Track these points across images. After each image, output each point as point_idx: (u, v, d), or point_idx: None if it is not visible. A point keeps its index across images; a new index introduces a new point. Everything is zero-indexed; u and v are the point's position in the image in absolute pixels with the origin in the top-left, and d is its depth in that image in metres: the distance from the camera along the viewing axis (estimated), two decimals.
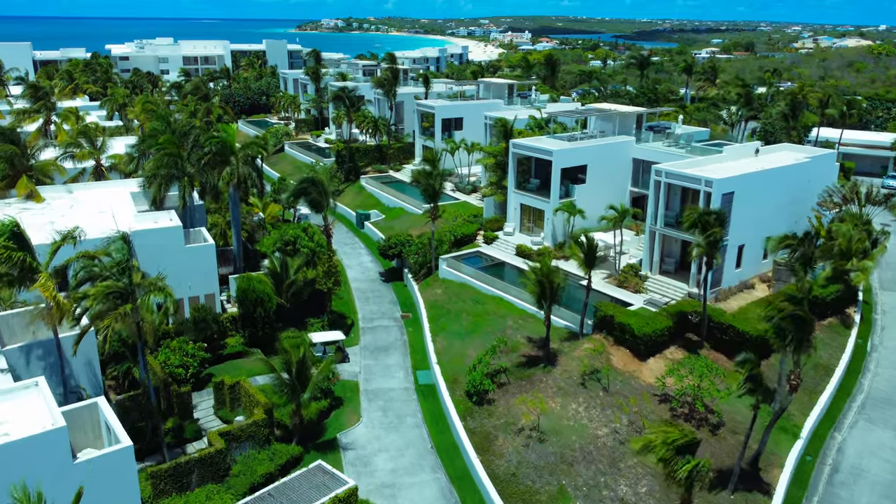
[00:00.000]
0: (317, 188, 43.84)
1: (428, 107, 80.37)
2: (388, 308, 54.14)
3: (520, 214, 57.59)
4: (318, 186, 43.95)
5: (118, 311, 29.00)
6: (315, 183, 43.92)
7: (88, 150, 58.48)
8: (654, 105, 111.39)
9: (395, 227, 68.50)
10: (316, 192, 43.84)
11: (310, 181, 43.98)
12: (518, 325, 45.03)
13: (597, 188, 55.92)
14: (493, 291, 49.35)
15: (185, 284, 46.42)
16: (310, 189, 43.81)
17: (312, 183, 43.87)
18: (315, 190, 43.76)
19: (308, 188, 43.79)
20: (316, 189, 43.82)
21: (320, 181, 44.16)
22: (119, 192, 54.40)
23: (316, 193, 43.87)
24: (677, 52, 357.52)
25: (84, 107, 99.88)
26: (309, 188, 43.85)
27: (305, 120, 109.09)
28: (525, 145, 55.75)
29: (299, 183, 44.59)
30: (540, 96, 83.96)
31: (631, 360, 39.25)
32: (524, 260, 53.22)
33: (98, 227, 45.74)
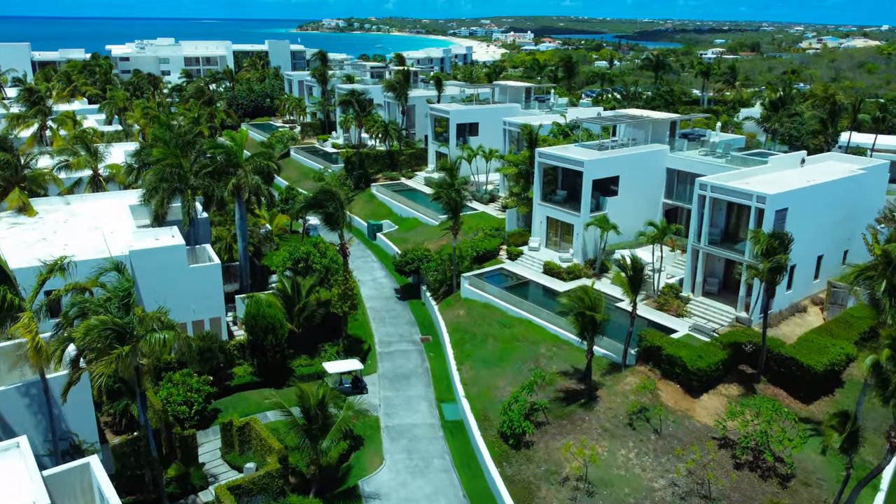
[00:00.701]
0: (333, 201, 40.08)
1: (442, 111, 76.61)
2: (406, 330, 50.38)
3: (546, 228, 53.83)
4: (335, 199, 40.17)
5: (114, 353, 25.24)
6: (331, 195, 40.14)
7: (85, 159, 54.76)
8: (671, 108, 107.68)
9: (410, 240, 64.79)
10: (332, 205, 40.07)
11: (325, 193, 40.19)
12: (552, 354, 41.27)
13: (629, 200, 52.19)
14: (520, 314, 45.58)
15: (189, 307, 42.77)
16: (325, 202, 40.02)
17: (328, 195, 40.08)
18: (331, 203, 40.00)
19: (323, 201, 39.99)
20: (332, 202, 40.06)
21: (336, 193, 40.35)
22: (117, 205, 50.74)
23: (332, 207, 40.10)
24: (682, 52, 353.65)
25: (82, 110, 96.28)
26: (324, 201, 40.05)
27: (311, 123, 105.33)
28: (553, 155, 51.98)
29: (314, 195, 40.78)
30: (558, 100, 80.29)
31: (682, 397, 35.48)
32: (553, 278, 49.49)
33: (93, 247, 42.10)
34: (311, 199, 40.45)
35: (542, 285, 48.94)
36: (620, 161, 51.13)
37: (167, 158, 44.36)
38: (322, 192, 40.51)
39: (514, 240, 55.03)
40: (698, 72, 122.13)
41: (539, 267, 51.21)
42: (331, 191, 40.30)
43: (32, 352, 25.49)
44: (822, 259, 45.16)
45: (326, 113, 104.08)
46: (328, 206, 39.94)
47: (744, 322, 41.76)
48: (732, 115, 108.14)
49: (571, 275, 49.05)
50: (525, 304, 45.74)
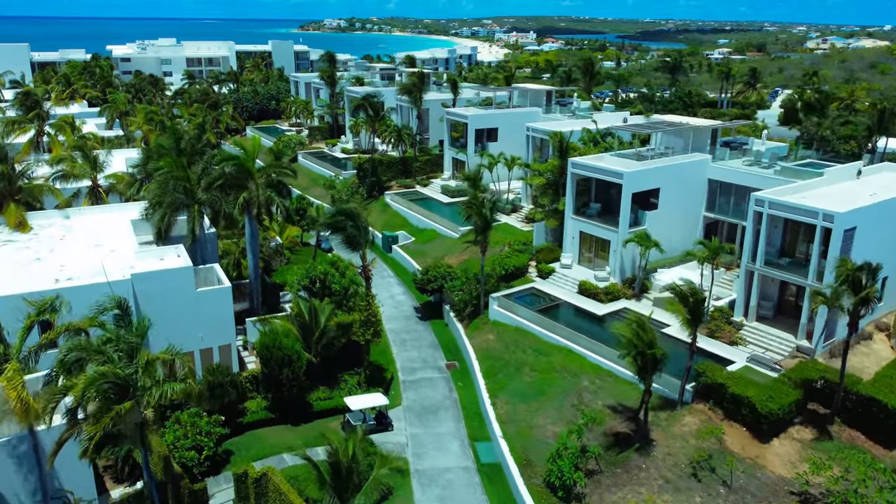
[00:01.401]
0: (354, 222, 36.34)
1: (459, 116, 72.85)
2: (429, 355, 46.63)
3: (579, 244, 50.08)
4: (356, 220, 36.43)
5: (114, 411, 21.54)
6: (352, 215, 36.40)
7: (83, 168, 51.06)
8: (690, 111, 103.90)
9: (428, 253, 61.06)
10: (353, 226, 36.33)
11: (346, 214, 36.46)
12: (595, 387, 37.52)
13: (669, 214, 48.48)
14: (557, 340, 41.84)
15: (196, 335, 39.06)
16: (345, 223, 36.26)
17: (349, 216, 36.35)
18: (352, 224, 36.26)
19: (343, 222, 36.24)
20: (353, 223, 36.32)
21: (357, 213, 36.58)
22: (118, 219, 47.05)
23: (353, 228, 36.36)
24: (689, 52, 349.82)
25: (81, 114, 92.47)
26: (344, 222, 36.29)
27: (319, 127, 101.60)
28: (588, 165, 48.22)
29: (333, 215, 37.00)
30: (580, 103, 76.57)
31: (750, 442, 31.74)
32: (589, 299, 45.72)
33: (92, 268, 38.39)
34: (331, 222, 36.65)
35: (579, 307, 45.19)
36: (662, 172, 47.39)
37: (173, 170, 40.62)
38: (342, 212, 36.76)
39: (544, 256, 51.26)
40: (717, 73, 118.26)
41: (573, 286, 47.45)
42: (351, 211, 36.53)
43: (19, 410, 21.77)
44: (888, 280, 41.41)
45: (335, 116, 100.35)
46: (349, 228, 36.15)
47: (805, 352, 38.03)
48: (751, 117, 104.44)
49: (610, 295, 45.30)
50: (562, 329, 41.97)
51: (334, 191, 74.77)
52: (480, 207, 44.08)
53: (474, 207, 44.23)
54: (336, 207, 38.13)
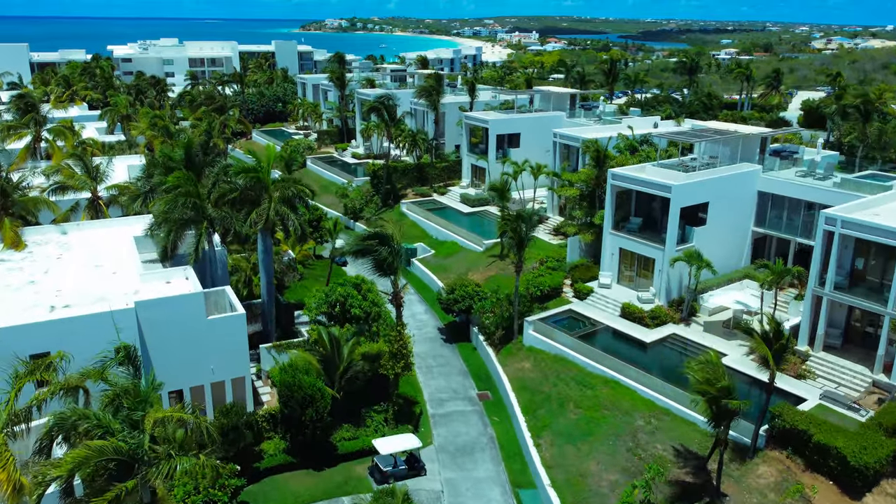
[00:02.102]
0: (387, 245, 32.50)
1: (479, 120, 69.04)
2: (459, 383, 42.85)
3: (618, 261, 46.29)
4: (389, 243, 32.60)
5: (114, 490, 17.77)
6: (385, 239, 32.54)
7: (81, 177, 47.32)
8: (711, 115, 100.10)
9: (450, 268, 57.30)
10: (386, 250, 32.50)
11: (378, 237, 32.58)
12: (652, 427, 33.74)
13: (717, 230, 44.74)
14: (602, 370, 38.05)
15: (207, 367, 35.34)
16: (376, 247, 32.44)
17: (381, 239, 32.48)
18: (385, 248, 32.42)
19: (374, 246, 32.41)
20: (385, 247, 32.48)
21: (390, 236, 32.75)
22: (120, 234, 43.32)
23: (386, 252, 32.53)
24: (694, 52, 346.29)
25: (81, 117, 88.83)
26: (376, 246, 32.46)
27: (328, 131, 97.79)
28: (630, 177, 44.42)
29: (362, 239, 33.07)
30: (605, 107, 72.72)
31: (839, 499, 27.94)
32: (634, 324, 41.91)
33: (91, 294, 34.63)
34: (360, 246, 32.78)
35: (622, 333, 41.37)
36: (711, 185, 43.59)
37: (182, 185, 36.84)
38: (374, 236, 32.86)
39: (580, 274, 47.44)
40: (738, 74, 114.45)
41: (615, 309, 43.64)
42: (384, 234, 32.66)
43: (10, 495, 18.01)
44: None
45: (344, 119, 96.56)
46: (380, 252, 32.34)
47: (884, 388, 34.24)
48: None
49: (656, 320, 41.49)
50: (608, 359, 38.16)
51: (347, 199, 71.10)
52: (516, 223, 40.26)
53: (509, 223, 40.42)
54: (367, 230, 34.26)
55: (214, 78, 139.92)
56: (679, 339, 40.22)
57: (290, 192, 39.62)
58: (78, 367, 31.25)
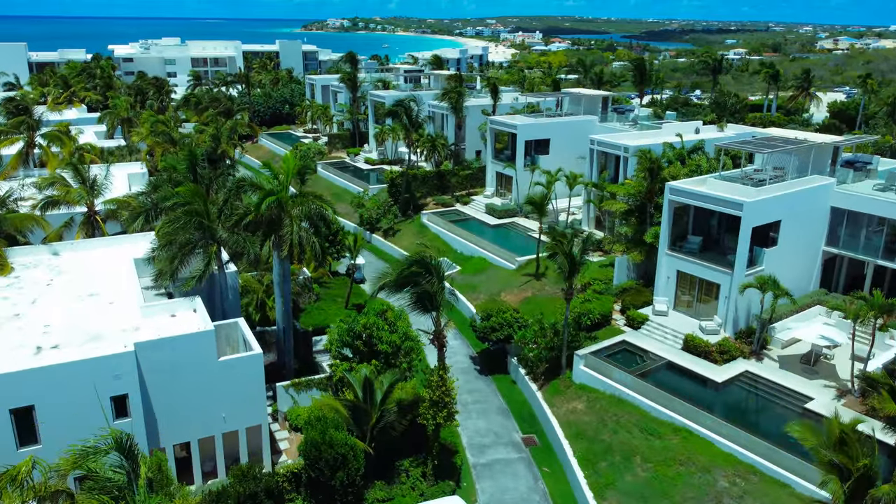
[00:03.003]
0: (429, 276, 27.65)
1: (506, 125, 64.18)
2: (500, 425, 38.00)
3: (675, 285, 41.41)
4: (433, 272, 27.75)
5: None
6: (428, 268, 27.68)
7: (77, 191, 42.55)
8: (738, 118, 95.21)
9: (479, 287, 52.44)
10: (428, 281, 27.65)
11: (421, 266, 27.70)
12: (739, 490, 28.87)
13: (788, 251, 39.92)
14: (670, 416, 33.20)
15: (217, 414, 30.54)
16: (419, 278, 27.59)
17: (424, 268, 27.61)
18: (427, 279, 27.58)
19: (417, 277, 27.54)
20: (428, 278, 27.63)
21: (435, 266, 27.89)
22: (118, 255, 38.55)
23: (427, 283, 27.68)
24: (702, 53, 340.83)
25: (79, 120, 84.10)
26: (419, 277, 27.61)
27: (339, 134, 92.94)
28: (692, 192, 39.53)
29: (405, 269, 28.14)
30: (638, 111, 67.87)
31: None
32: (699, 359, 37.01)
33: (84, 331, 29.83)
34: (402, 278, 27.89)
35: (688, 370, 36.46)
36: (785, 201, 38.71)
37: (190, 202, 32.06)
38: (416, 263, 27.95)
39: (632, 299, 42.57)
40: (765, 76, 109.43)
41: (675, 340, 38.75)
42: (427, 262, 27.78)
43: None
44: None
45: (356, 123, 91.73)
46: (422, 283, 27.49)
47: None
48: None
49: (725, 355, 36.59)
50: (677, 402, 33.28)
51: (363, 209, 66.36)
52: (568, 247, 35.38)
53: (560, 247, 35.54)
54: (409, 257, 29.24)
55: (218, 78, 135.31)
56: (754, 378, 35.35)
57: (312, 211, 34.78)
58: (66, 422, 26.82)
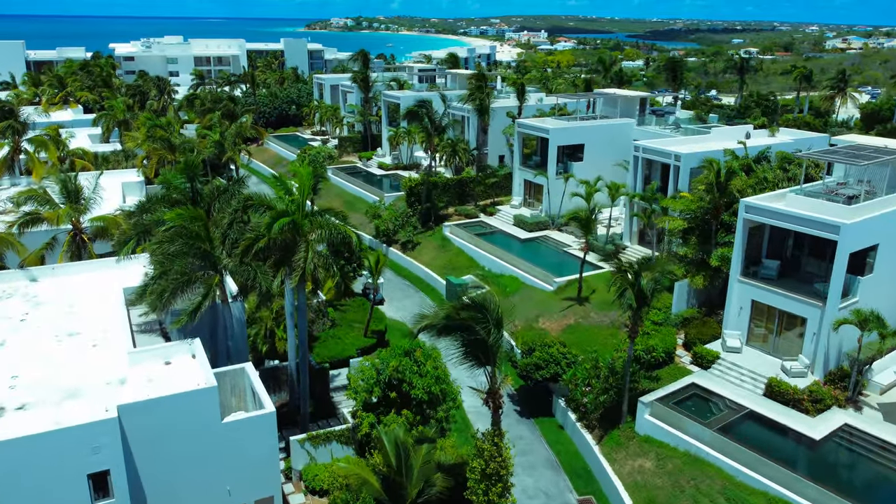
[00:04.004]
0: (487, 320, 22.13)
1: (536, 129, 58.64)
2: (551, 481, 32.52)
3: (749, 318, 35.86)
4: (488, 315, 22.23)
5: None
6: (484, 310, 22.15)
7: (63, 210, 37.17)
8: (771, 120, 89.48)
9: (513, 311, 46.59)
10: (485, 328, 22.12)
11: (475, 309, 22.15)
12: None
13: (884, 279, 34.36)
14: (764, 483, 27.64)
15: (221, 486, 25.11)
16: (475, 323, 22.05)
17: (479, 310, 22.07)
18: (483, 326, 22.06)
19: (470, 322, 21.99)
20: (484, 325, 22.12)
21: (491, 307, 22.32)
22: (106, 281, 33.30)
23: (483, 330, 22.15)
24: (712, 52, 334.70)
25: (75, 122, 78.93)
26: (470, 320, 22.06)
27: (350, 137, 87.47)
28: (774, 211, 33.94)
29: (454, 311, 22.52)
30: (679, 113, 62.34)
31: None
32: (785, 407, 31.45)
33: (59, 385, 24.45)
34: (448, 322, 22.31)
35: (774, 421, 30.90)
36: (885, 222, 33.15)
37: (189, 225, 26.65)
38: (470, 306, 22.40)
39: (696, 332, 37.02)
40: (797, 76, 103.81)
41: (754, 383, 33.22)
42: (484, 303, 22.24)
43: None
44: None
45: (367, 125, 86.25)
46: (478, 330, 21.98)
47: None
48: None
49: (819, 404, 31.02)
50: (772, 467, 27.72)
51: (380, 220, 60.91)
52: (634, 279, 29.80)
53: (625, 279, 29.96)
54: (460, 298, 23.66)
55: (222, 78, 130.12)
56: (856, 434, 29.80)
57: (332, 235, 29.31)
58: None
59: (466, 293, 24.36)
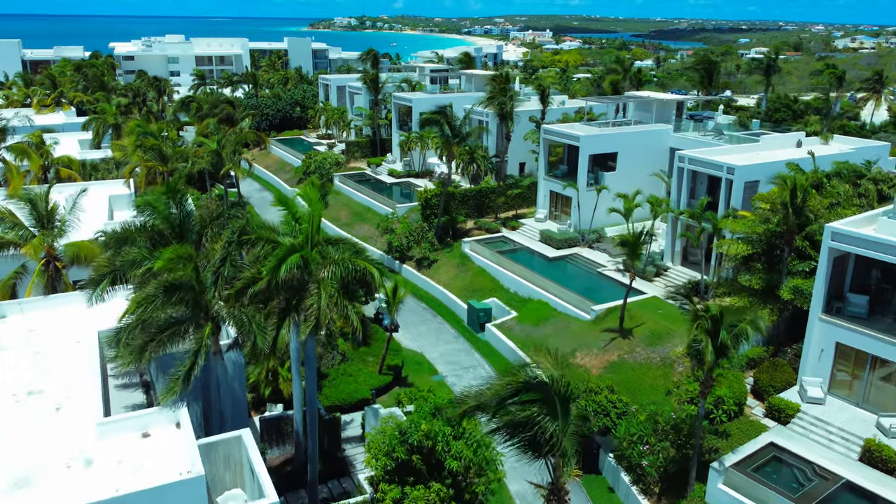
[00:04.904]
0: (549, 406, 17.05)
1: (566, 136, 53.44)
2: None
3: (832, 362, 30.67)
4: (551, 398, 17.16)
5: None
6: (546, 391, 17.08)
7: (37, 241, 32.07)
8: (800, 122, 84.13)
9: (545, 341, 41.66)
10: (547, 415, 17.03)
11: (537, 388, 17.07)
12: None
13: None
14: None
15: None
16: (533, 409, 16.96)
17: (543, 391, 16.98)
18: (545, 412, 16.97)
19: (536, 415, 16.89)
20: (547, 409, 17.02)
21: (561, 386, 17.23)
22: (80, 319, 28.33)
23: (546, 418, 17.06)
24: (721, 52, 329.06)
25: (67, 126, 74.10)
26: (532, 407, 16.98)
27: (358, 142, 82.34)
28: (868, 240, 28.74)
29: (511, 397, 17.37)
30: (719, 118, 57.12)
31: None
32: (889, 477, 26.29)
33: (7, 471, 19.43)
34: (513, 418, 17.17)
35: (876, 496, 25.71)
36: None
37: (177, 267, 21.57)
38: (532, 386, 17.28)
39: (767, 376, 31.80)
40: (829, 76, 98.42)
41: (846, 445, 28.01)
42: (546, 385, 17.12)
43: None
44: None
45: (377, 129, 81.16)
46: (542, 421, 16.88)
47: None
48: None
49: None
50: None
51: (392, 235, 55.80)
52: (710, 324, 24.59)
53: (700, 322, 24.76)
54: (516, 376, 18.47)
55: (223, 78, 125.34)
56: None
57: (348, 272, 24.18)
58: None
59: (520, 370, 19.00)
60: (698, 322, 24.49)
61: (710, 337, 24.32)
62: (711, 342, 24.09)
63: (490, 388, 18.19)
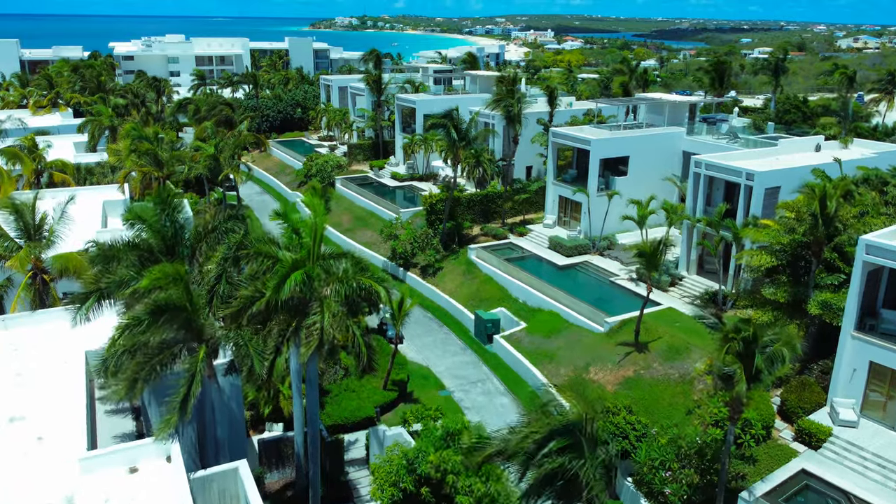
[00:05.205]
0: (580, 451, 15.32)
1: (576, 139, 51.70)
2: None
3: (866, 382, 28.91)
4: (580, 440, 15.43)
5: None
6: (577, 434, 15.35)
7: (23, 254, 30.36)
8: (810, 124, 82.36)
9: (557, 356, 40.02)
10: (578, 459, 15.31)
11: (566, 431, 15.33)
12: None
13: None
14: None
15: None
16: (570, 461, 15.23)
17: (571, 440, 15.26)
18: (578, 461, 15.24)
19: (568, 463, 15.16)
20: (577, 455, 15.29)
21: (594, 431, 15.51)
22: (66, 337, 26.64)
23: (577, 462, 15.33)
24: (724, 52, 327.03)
25: (62, 127, 72.21)
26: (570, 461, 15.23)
27: (360, 144, 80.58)
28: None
29: (540, 443, 15.64)
30: (734, 121, 55.38)
31: None
32: None
33: None
34: (547, 474, 15.44)
35: None
36: None
37: (167, 287, 19.88)
38: (563, 430, 15.54)
39: (797, 398, 30.04)
40: (840, 77, 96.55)
41: (882, 472, 26.26)
42: (578, 427, 15.39)
43: None
44: None
45: (379, 130, 79.42)
46: (574, 466, 15.15)
47: None
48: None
49: None
50: None
51: (396, 242, 54.08)
52: (742, 346, 22.86)
53: (731, 346, 23.02)
54: (547, 420, 16.72)
55: (223, 78, 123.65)
56: None
57: (353, 291, 22.46)
58: None
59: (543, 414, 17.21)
60: (728, 346, 22.72)
61: (743, 361, 22.54)
62: (745, 369, 22.31)
63: (515, 432, 16.37)
